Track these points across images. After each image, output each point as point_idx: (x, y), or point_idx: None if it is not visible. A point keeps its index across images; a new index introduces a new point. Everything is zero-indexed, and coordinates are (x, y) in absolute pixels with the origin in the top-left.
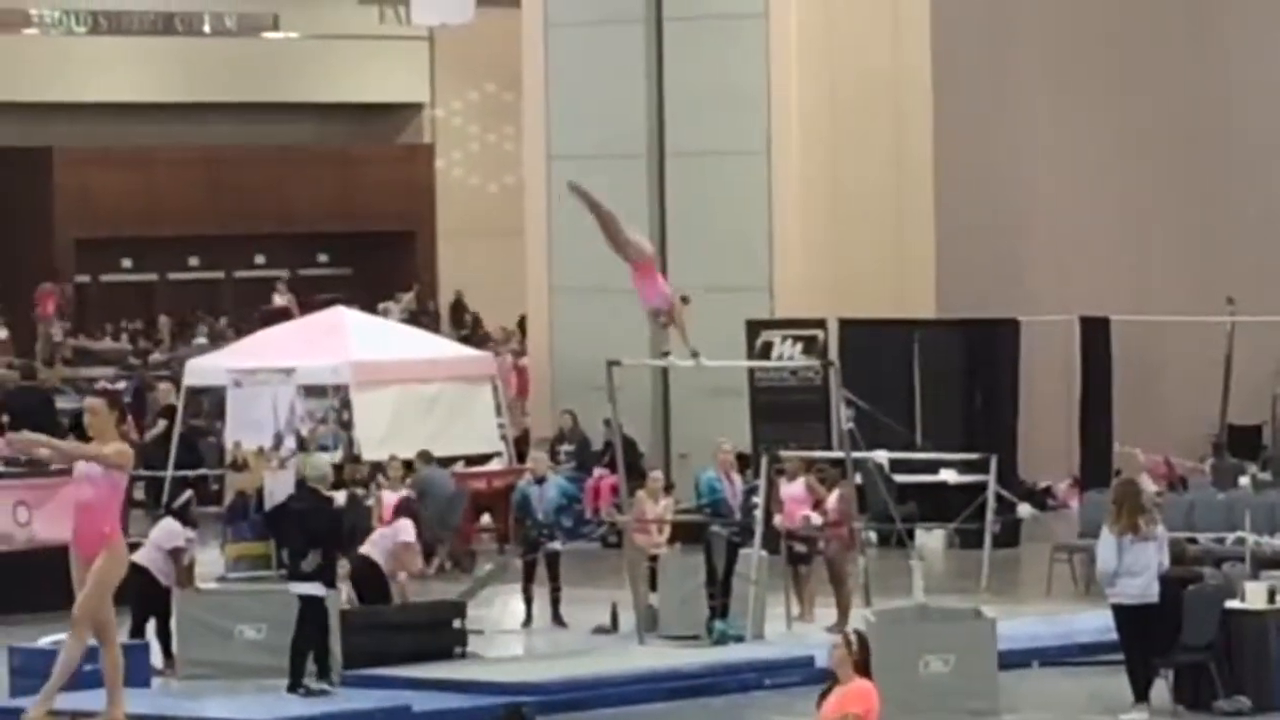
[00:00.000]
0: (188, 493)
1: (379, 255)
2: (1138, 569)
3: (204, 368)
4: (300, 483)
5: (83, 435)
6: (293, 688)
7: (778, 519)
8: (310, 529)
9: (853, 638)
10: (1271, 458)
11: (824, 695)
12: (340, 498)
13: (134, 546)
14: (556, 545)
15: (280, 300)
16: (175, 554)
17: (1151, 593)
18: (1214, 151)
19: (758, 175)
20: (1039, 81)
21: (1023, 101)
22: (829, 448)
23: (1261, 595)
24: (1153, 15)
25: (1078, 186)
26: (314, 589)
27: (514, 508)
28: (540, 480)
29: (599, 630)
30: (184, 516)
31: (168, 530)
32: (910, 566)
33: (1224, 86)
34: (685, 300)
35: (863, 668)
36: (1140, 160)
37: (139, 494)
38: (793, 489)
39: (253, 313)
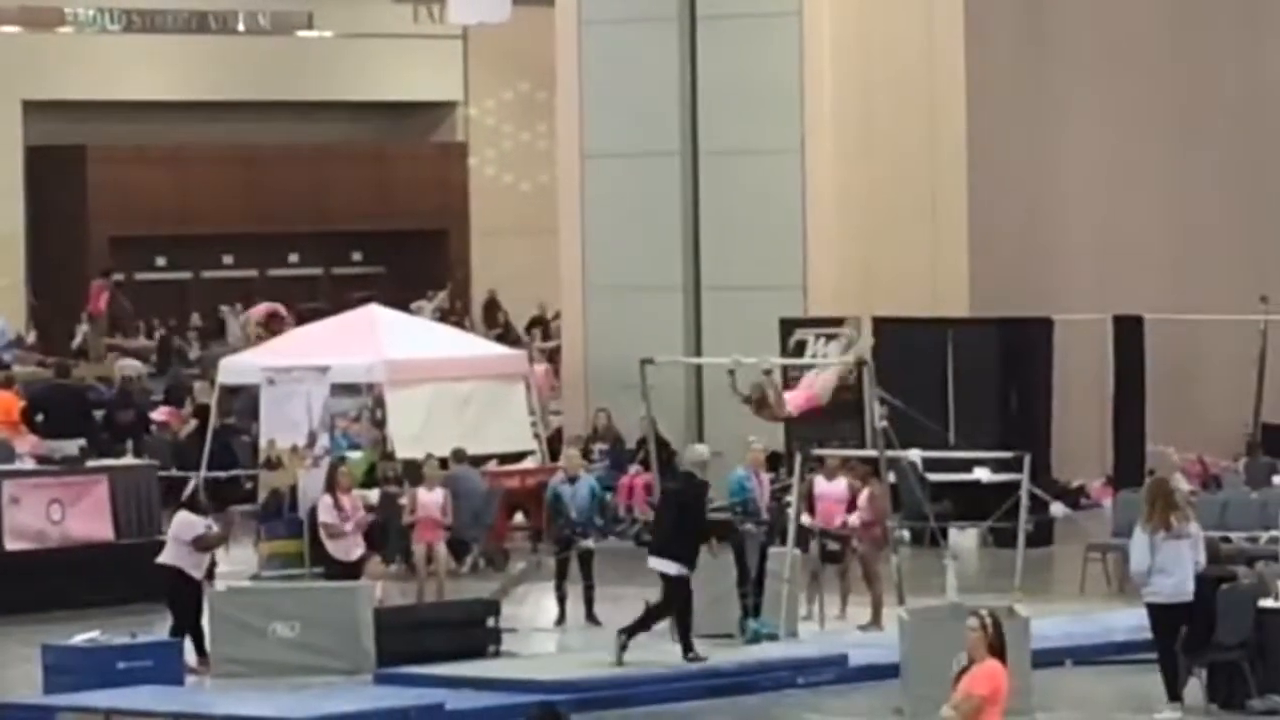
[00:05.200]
0: (193, 482)
1: (412, 254)
2: (1171, 567)
3: (238, 366)
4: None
5: (115, 432)
6: (686, 654)
7: (805, 518)
8: (681, 508)
9: (988, 620)
10: None
11: (959, 676)
12: (374, 495)
13: (162, 545)
14: (589, 543)
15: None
16: (199, 542)
17: (1185, 591)
18: (1252, 148)
19: (791, 173)
20: (1074, 80)
21: (1057, 100)
22: (862, 446)
23: None
24: (1193, 12)
25: (1113, 185)
26: (668, 566)
27: (546, 506)
28: (573, 479)
29: None
30: (195, 506)
31: (184, 522)
32: (944, 565)
33: (1268, 81)
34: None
35: (997, 649)
36: (1176, 160)
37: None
38: (833, 488)
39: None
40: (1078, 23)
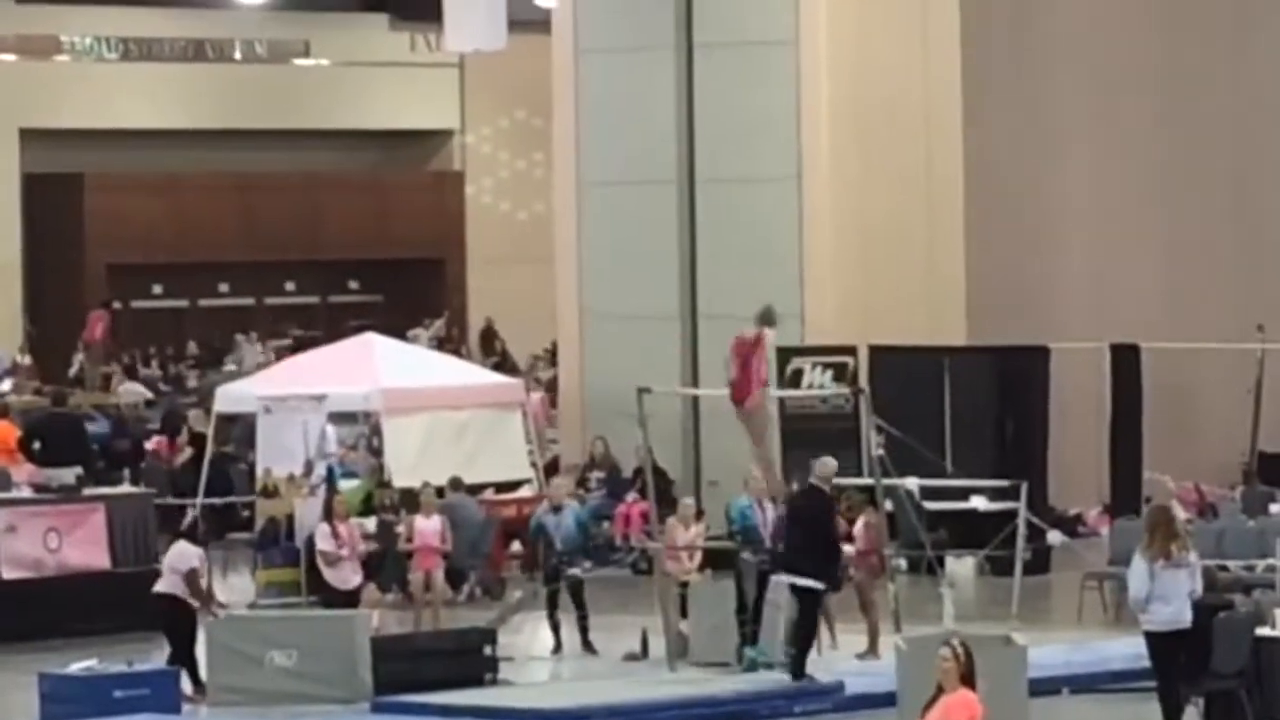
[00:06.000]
0: (192, 513)
1: (409, 282)
2: (1169, 595)
3: (234, 394)
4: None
5: (112, 460)
6: (796, 676)
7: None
8: (809, 522)
9: (959, 649)
10: None
11: (928, 706)
12: (370, 524)
13: (159, 574)
14: (577, 573)
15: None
16: (190, 575)
17: (1182, 619)
18: (1248, 176)
19: (788, 201)
20: (1069, 107)
21: (1053, 127)
22: (859, 475)
23: None
24: (1188, 39)
25: (1109, 213)
26: (809, 582)
27: (530, 536)
28: (557, 509)
29: (629, 657)
30: (193, 537)
31: (181, 553)
32: (941, 593)
33: (1263, 108)
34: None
35: (968, 679)
36: (1173, 188)
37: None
38: None
39: (283, 339)
40: (1073, 51)
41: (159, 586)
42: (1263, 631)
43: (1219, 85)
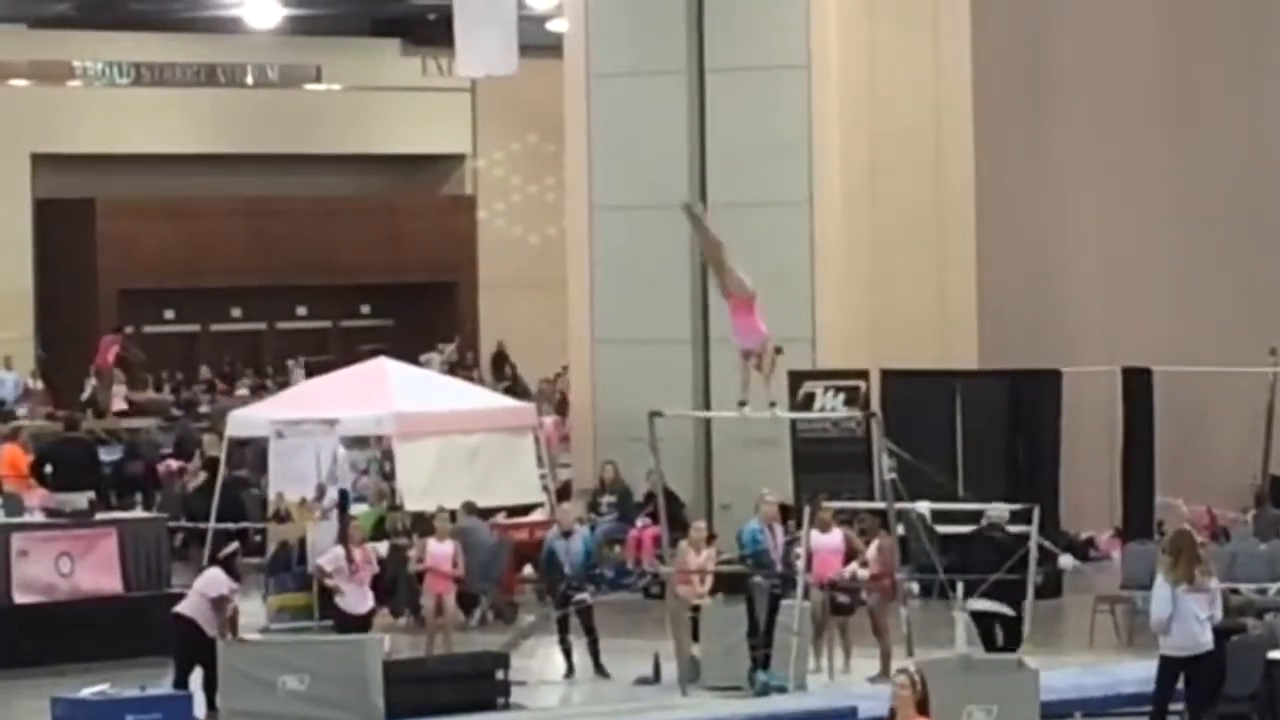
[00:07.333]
0: (234, 544)
1: (421, 306)
2: (1190, 620)
3: (246, 419)
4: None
5: (123, 486)
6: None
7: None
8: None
9: (917, 677)
10: None
11: None
12: (383, 548)
13: (179, 596)
14: (585, 598)
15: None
16: (219, 603)
17: (1199, 644)
18: (1259, 199)
19: (800, 226)
20: (1081, 132)
21: (1064, 152)
22: (871, 498)
23: None
24: (1200, 64)
25: (1120, 237)
26: (995, 606)
27: (542, 561)
28: (567, 533)
29: (641, 681)
30: (230, 567)
31: (212, 579)
32: (953, 617)
33: (1272, 135)
34: (779, 351)
35: (923, 706)
36: (1183, 211)
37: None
38: (828, 540)
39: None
40: (1084, 76)
41: (180, 607)
42: (1275, 655)
43: (1229, 111)
